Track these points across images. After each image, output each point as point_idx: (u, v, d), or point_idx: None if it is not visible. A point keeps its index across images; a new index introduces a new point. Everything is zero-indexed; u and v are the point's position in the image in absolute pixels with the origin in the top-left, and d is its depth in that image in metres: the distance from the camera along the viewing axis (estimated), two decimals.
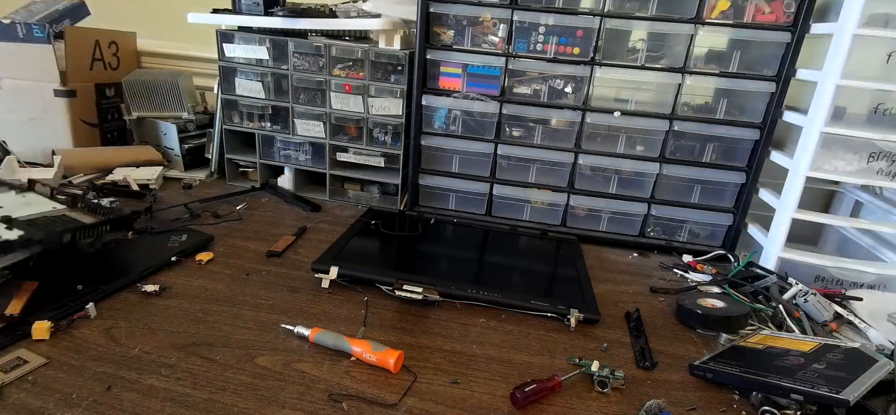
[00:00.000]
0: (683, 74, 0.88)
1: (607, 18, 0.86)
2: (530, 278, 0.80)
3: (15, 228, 0.63)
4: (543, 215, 1.01)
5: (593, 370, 0.55)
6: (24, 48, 1.05)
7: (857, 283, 0.86)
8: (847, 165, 0.82)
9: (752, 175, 0.91)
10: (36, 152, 1.08)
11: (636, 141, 0.94)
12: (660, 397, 0.51)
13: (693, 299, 0.70)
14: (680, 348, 0.63)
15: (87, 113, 1.14)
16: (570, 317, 0.65)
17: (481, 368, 0.56)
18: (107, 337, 0.55)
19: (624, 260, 0.91)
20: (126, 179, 1.00)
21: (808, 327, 0.68)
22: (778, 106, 0.87)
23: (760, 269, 0.84)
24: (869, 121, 0.81)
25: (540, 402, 0.51)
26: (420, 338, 0.60)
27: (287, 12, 0.97)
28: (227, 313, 0.62)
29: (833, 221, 0.92)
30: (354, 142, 1.04)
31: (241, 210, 0.96)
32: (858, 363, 0.53)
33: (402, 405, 0.49)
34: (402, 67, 0.96)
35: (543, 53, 0.90)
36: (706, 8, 0.84)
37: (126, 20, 1.30)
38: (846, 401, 0.46)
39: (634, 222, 0.98)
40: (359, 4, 1.04)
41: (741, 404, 0.53)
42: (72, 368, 0.48)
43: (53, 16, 1.15)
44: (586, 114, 0.92)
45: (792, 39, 0.83)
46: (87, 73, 1.14)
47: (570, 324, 0.65)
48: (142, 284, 0.65)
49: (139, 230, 0.72)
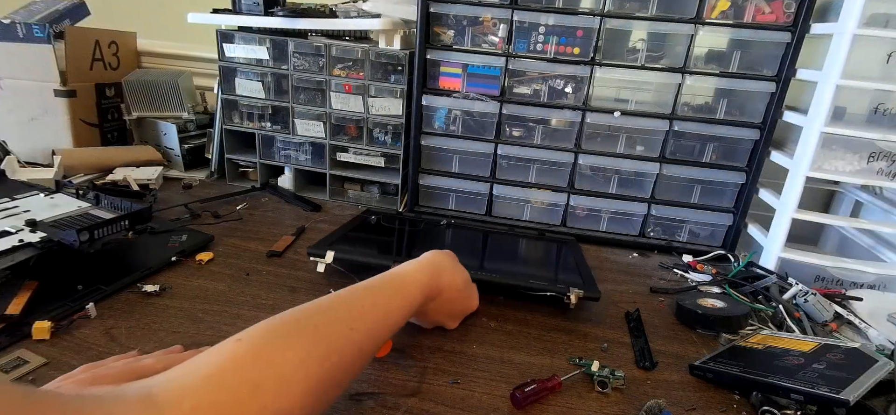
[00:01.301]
0: (683, 74, 0.88)
1: (607, 18, 0.86)
2: (531, 264, 0.83)
3: (38, 231, 0.64)
4: (543, 215, 1.01)
5: (593, 370, 0.55)
6: (24, 48, 1.05)
7: (857, 283, 0.86)
8: (847, 165, 0.82)
9: (752, 175, 0.91)
10: (36, 152, 1.08)
11: (636, 141, 0.94)
12: (660, 397, 0.51)
13: (693, 299, 0.71)
14: (680, 348, 0.63)
15: (87, 113, 1.14)
16: (569, 294, 0.65)
17: (481, 368, 0.56)
18: (107, 337, 0.55)
19: (624, 260, 0.91)
20: (126, 179, 1.00)
21: (808, 327, 0.68)
22: (778, 106, 0.87)
23: (760, 269, 0.84)
24: (869, 121, 0.81)
25: (540, 402, 0.51)
26: (420, 338, 0.60)
27: (287, 12, 0.97)
28: (227, 313, 0.62)
29: (833, 221, 0.92)
30: (354, 142, 1.04)
31: (241, 210, 0.96)
32: (858, 363, 0.53)
33: (401, 405, 0.49)
34: (402, 67, 0.96)
35: (543, 53, 0.90)
36: (706, 8, 0.84)
37: (126, 20, 1.30)
38: (846, 401, 0.46)
39: (634, 222, 0.98)
40: (359, 4, 1.04)
41: (741, 404, 0.53)
42: (72, 368, 0.48)
43: (53, 16, 1.15)
44: (586, 114, 0.92)
45: (792, 39, 0.83)
46: (87, 73, 1.14)
47: (571, 301, 0.64)
48: (142, 284, 0.65)
49: (139, 230, 0.72)
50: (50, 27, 1.05)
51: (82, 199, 0.77)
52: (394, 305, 0.49)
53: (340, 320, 0.42)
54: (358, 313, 0.44)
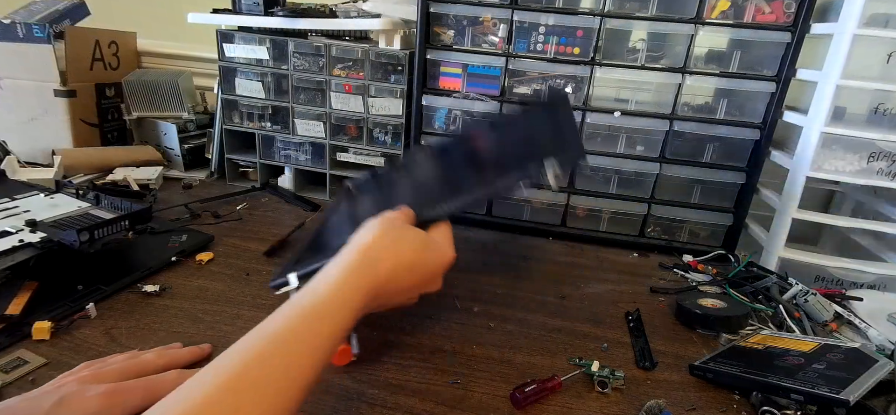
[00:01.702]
0: (683, 74, 0.88)
1: (607, 18, 0.86)
2: (503, 161, 0.62)
3: (38, 231, 0.64)
4: (543, 215, 1.01)
5: (593, 370, 0.55)
6: (24, 48, 1.05)
7: (857, 283, 0.86)
8: (847, 165, 0.82)
9: (752, 175, 0.91)
10: (36, 152, 1.08)
11: (636, 141, 0.94)
12: (660, 397, 0.51)
13: (693, 299, 0.70)
14: (680, 348, 0.63)
15: (87, 113, 1.14)
16: (544, 170, 0.53)
17: (481, 368, 0.56)
18: (107, 337, 0.55)
19: (624, 260, 0.91)
20: (126, 179, 1.00)
21: (809, 327, 0.68)
22: (778, 106, 0.87)
23: (760, 269, 0.84)
24: (869, 121, 0.81)
25: (540, 402, 0.51)
26: (420, 337, 0.60)
27: (287, 12, 0.97)
28: (227, 313, 0.62)
29: (833, 221, 0.92)
30: (354, 142, 1.04)
31: (241, 210, 0.96)
32: (858, 363, 0.53)
33: (402, 405, 0.49)
34: (402, 67, 0.96)
35: (543, 53, 0.90)
36: (706, 8, 0.84)
37: (126, 20, 1.30)
38: (846, 401, 0.46)
39: (634, 222, 0.98)
40: (359, 4, 1.04)
41: (741, 404, 0.53)
42: (72, 368, 0.48)
43: (53, 16, 1.15)
44: (586, 114, 0.92)
45: (792, 39, 0.83)
46: (87, 73, 1.14)
47: (550, 183, 0.53)
48: (142, 285, 0.65)
49: (139, 230, 0.72)
50: (50, 27, 1.05)
51: (82, 199, 0.78)
52: (304, 361, 0.35)
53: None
54: (247, 401, 0.31)
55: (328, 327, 0.38)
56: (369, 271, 0.42)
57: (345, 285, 0.40)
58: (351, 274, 0.41)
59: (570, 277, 0.81)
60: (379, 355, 0.56)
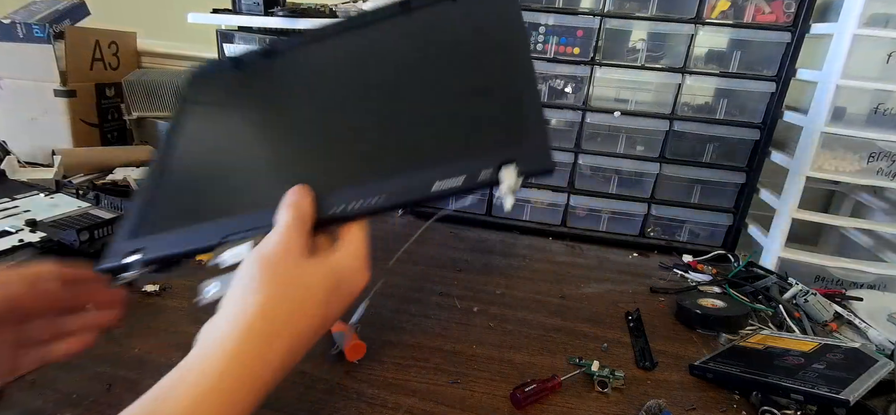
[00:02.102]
0: (683, 74, 0.88)
1: (607, 18, 0.86)
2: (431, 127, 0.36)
3: (38, 231, 0.64)
4: (543, 215, 1.01)
5: (593, 370, 0.55)
6: (24, 48, 1.05)
7: (857, 283, 0.86)
8: (847, 165, 0.82)
9: (752, 175, 0.91)
10: (36, 152, 1.08)
11: (636, 141, 0.94)
12: (660, 397, 0.51)
13: (693, 299, 0.70)
14: (680, 348, 0.63)
15: (87, 113, 1.14)
16: (500, 175, 0.30)
17: (481, 368, 0.56)
18: (107, 337, 0.55)
19: (624, 260, 0.91)
20: (126, 179, 1.00)
21: (809, 327, 0.68)
22: (778, 106, 0.87)
23: (760, 269, 0.84)
24: (869, 121, 0.81)
25: (540, 402, 0.51)
26: (420, 338, 0.60)
27: (287, 12, 0.97)
28: None
29: (833, 221, 0.92)
30: None
31: None
32: (858, 363, 0.53)
33: (402, 405, 0.49)
34: None
35: (543, 53, 0.90)
36: (706, 8, 0.84)
37: (126, 20, 1.30)
38: (846, 401, 0.46)
39: (634, 222, 0.98)
40: (359, 4, 1.04)
41: (741, 404, 0.53)
42: (72, 368, 0.48)
43: (53, 16, 1.15)
44: (586, 114, 0.92)
45: (792, 39, 0.83)
46: (87, 73, 1.14)
47: (504, 195, 0.30)
48: (142, 284, 0.65)
49: None
50: (50, 27, 1.05)
51: (82, 199, 0.78)
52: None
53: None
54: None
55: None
56: (261, 354, 0.28)
57: (227, 379, 0.27)
58: (231, 374, 0.27)
59: (570, 277, 0.81)
60: (379, 355, 0.56)
